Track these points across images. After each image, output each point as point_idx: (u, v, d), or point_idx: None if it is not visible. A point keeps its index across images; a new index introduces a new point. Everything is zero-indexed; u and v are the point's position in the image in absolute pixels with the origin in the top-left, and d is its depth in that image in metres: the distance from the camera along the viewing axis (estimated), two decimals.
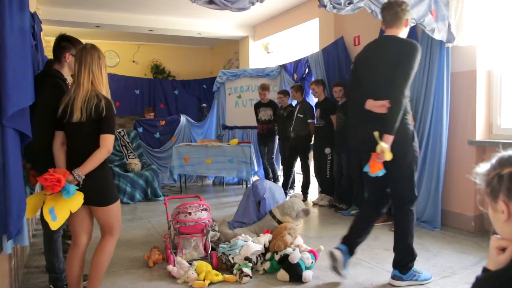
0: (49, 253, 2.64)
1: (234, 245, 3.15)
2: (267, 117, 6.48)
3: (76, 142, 2.35)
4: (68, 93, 2.37)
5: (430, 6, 3.77)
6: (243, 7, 3.13)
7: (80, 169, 2.25)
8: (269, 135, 6.50)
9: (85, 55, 2.36)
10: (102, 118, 2.32)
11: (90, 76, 2.37)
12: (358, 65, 2.90)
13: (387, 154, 2.53)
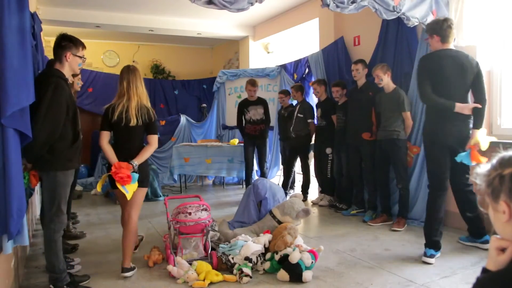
0: (50, 253, 2.64)
1: (234, 245, 3.15)
2: (259, 116, 5.86)
3: (125, 139, 3.06)
4: (119, 103, 2.99)
5: (431, 6, 3.78)
6: (242, 8, 3.13)
7: (136, 160, 2.97)
8: (262, 137, 5.90)
9: (131, 75, 3.04)
10: (151, 123, 3.13)
11: (137, 90, 3.03)
12: (438, 74, 3.26)
13: (482, 144, 3.16)
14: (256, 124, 5.87)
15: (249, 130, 5.91)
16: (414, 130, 4.39)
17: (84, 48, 2.82)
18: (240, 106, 6.01)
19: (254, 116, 5.89)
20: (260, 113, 5.86)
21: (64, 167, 2.62)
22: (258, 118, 5.87)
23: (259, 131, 5.87)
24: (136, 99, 3.00)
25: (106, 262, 3.37)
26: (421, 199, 4.30)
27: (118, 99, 3.03)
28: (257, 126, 5.87)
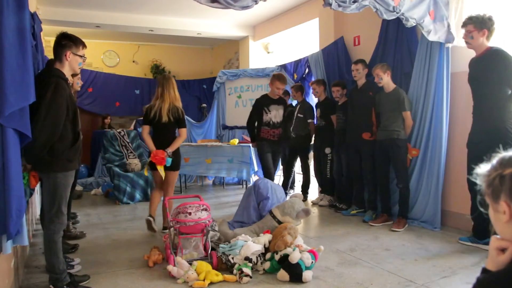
0: (49, 254, 2.64)
1: (234, 245, 3.15)
2: (280, 118, 5.00)
3: (160, 132, 4.08)
4: (155, 104, 4.03)
5: (429, 6, 3.77)
6: (247, 5, 3.12)
7: (169, 149, 3.99)
8: (282, 143, 5.16)
9: (166, 82, 4.06)
10: (180, 119, 4.10)
11: (170, 95, 4.03)
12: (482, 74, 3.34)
13: None
14: (275, 128, 4.96)
15: (266, 134, 4.94)
16: (414, 131, 4.38)
17: (84, 47, 2.78)
18: (258, 103, 4.96)
19: (275, 118, 4.94)
20: (281, 115, 4.98)
21: (64, 168, 2.61)
22: (279, 120, 4.96)
23: (278, 135, 4.99)
24: (168, 102, 4.01)
25: (106, 262, 3.37)
26: (421, 199, 4.30)
27: (155, 100, 4.05)
28: (276, 130, 4.96)
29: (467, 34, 3.43)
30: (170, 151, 3.99)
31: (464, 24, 3.44)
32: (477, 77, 3.46)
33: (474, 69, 3.50)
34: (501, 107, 3.32)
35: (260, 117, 4.93)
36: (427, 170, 4.25)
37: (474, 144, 3.45)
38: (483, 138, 3.29)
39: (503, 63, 3.26)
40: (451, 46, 4.09)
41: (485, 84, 3.37)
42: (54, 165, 2.56)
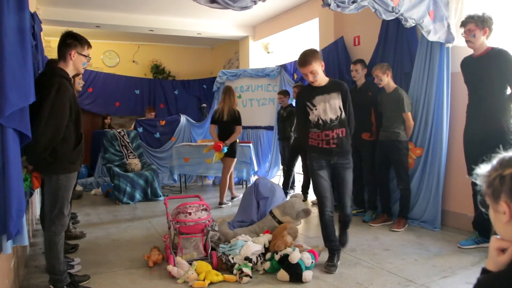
0: (50, 255, 2.63)
1: (234, 245, 3.15)
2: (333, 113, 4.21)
3: (222, 129, 5.38)
4: (219, 107, 5.43)
5: (429, 7, 3.77)
6: (246, 6, 3.12)
7: (228, 141, 5.25)
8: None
9: (228, 91, 5.42)
10: (236, 119, 5.31)
11: (230, 101, 5.34)
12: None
13: None
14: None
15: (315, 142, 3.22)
16: (415, 131, 4.38)
17: (89, 47, 2.75)
18: (301, 98, 3.24)
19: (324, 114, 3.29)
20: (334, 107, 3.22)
21: (66, 170, 2.60)
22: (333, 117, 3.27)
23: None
24: (228, 106, 5.32)
25: (106, 262, 3.37)
26: (422, 200, 4.30)
27: (219, 105, 5.49)
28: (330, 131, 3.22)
29: (468, 33, 3.40)
30: (228, 142, 5.25)
31: (465, 23, 3.42)
32: (477, 77, 3.45)
33: (474, 68, 3.49)
34: (501, 107, 3.31)
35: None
36: (427, 170, 4.25)
37: (474, 145, 3.44)
38: (483, 138, 3.29)
39: (506, 63, 3.26)
40: (451, 46, 4.09)
41: (486, 84, 3.36)
42: (57, 167, 2.55)
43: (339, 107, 3.10)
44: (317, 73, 3.00)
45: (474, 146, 3.42)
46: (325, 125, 3.08)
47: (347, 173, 3.20)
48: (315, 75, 3.00)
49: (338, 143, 3.09)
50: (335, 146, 3.09)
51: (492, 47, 3.38)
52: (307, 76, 3.04)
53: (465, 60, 3.59)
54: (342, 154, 3.13)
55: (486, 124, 3.36)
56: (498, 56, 3.30)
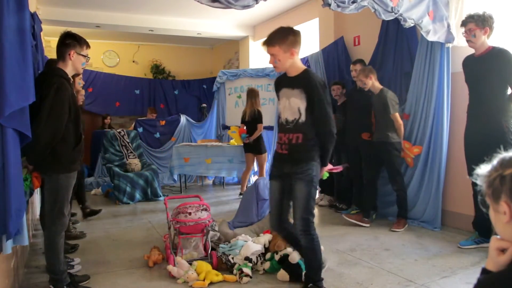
0: (50, 255, 2.63)
1: (234, 245, 3.15)
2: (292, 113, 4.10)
3: (247, 128, 5.94)
4: (245, 109, 6.06)
5: (429, 7, 3.77)
6: (247, 5, 3.11)
7: (251, 138, 5.91)
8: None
9: (251, 93, 6.00)
10: (256, 118, 5.88)
11: (252, 103, 5.94)
12: None
13: None
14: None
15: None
16: (414, 132, 4.38)
17: (88, 47, 2.76)
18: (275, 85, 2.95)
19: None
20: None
21: (66, 170, 2.60)
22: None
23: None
24: (250, 108, 5.96)
25: (106, 262, 3.37)
26: (422, 200, 4.30)
27: (245, 107, 6.11)
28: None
29: (469, 33, 3.39)
30: (251, 138, 5.90)
31: (465, 23, 3.41)
32: (477, 76, 3.44)
33: (474, 67, 3.48)
34: (501, 107, 3.31)
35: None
36: (427, 170, 4.25)
37: (474, 145, 3.43)
38: (484, 138, 3.29)
39: (506, 63, 3.26)
40: (451, 46, 4.09)
41: (486, 84, 3.36)
42: (57, 167, 2.55)
43: (298, 109, 2.53)
44: (278, 58, 2.52)
45: (474, 146, 3.41)
46: (282, 126, 2.64)
47: (298, 186, 2.53)
48: (275, 60, 2.54)
49: (289, 150, 2.57)
50: (286, 152, 2.60)
51: (493, 46, 3.37)
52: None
53: (467, 59, 3.59)
54: (294, 163, 2.55)
55: (486, 124, 3.35)
56: (498, 56, 3.29)
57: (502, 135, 3.25)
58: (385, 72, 4.82)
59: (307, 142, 2.52)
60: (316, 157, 2.54)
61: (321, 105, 2.48)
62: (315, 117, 2.50)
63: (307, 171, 2.49)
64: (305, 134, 2.52)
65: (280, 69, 2.60)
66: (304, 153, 2.53)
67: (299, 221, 2.52)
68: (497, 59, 3.29)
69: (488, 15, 3.34)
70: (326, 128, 2.51)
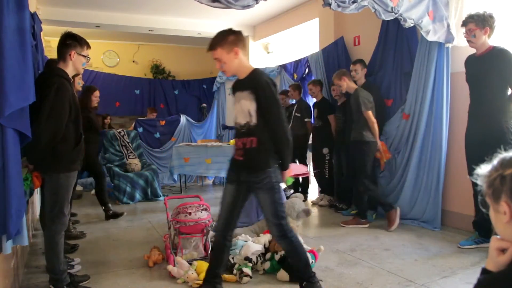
0: (50, 255, 2.63)
1: (234, 245, 3.15)
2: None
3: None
4: None
5: (428, 7, 3.77)
6: (248, 5, 3.11)
7: None
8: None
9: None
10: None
11: None
12: None
13: None
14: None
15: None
16: (412, 131, 4.38)
17: (88, 48, 2.78)
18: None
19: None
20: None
21: (67, 170, 2.61)
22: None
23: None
24: None
25: (106, 262, 3.37)
26: (421, 199, 4.30)
27: None
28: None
29: (469, 33, 3.39)
30: None
31: (465, 23, 3.41)
32: (478, 76, 3.44)
33: (475, 67, 3.48)
34: (501, 107, 3.31)
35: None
36: (427, 170, 4.25)
37: (474, 145, 3.43)
38: (484, 138, 3.29)
39: (506, 63, 3.26)
40: (451, 46, 4.09)
41: (486, 84, 3.36)
42: (57, 166, 2.56)
43: (249, 111, 2.41)
44: (223, 61, 2.45)
45: (474, 146, 3.41)
46: (237, 131, 2.54)
47: (260, 196, 2.44)
48: (222, 64, 2.47)
49: (244, 155, 2.46)
50: (241, 158, 2.48)
51: (494, 46, 3.37)
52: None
53: (468, 58, 3.59)
54: (251, 171, 2.44)
55: (486, 124, 3.35)
56: (499, 56, 3.29)
57: (502, 135, 3.25)
58: (385, 72, 4.82)
59: (261, 146, 2.39)
60: (273, 162, 2.41)
61: (269, 104, 2.36)
62: (266, 118, 2.37)
63: (265, 180, 2.38)
64: (259, 137, 2.38)
65: (228, 72, 2.52)
66: (259, 160, 2.41)
67: (273, 228, 2.46)
68: (497, 59, 3.29)
69: (488, 15, 3.34)
70: (278, 130, 2.38)
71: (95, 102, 5.01)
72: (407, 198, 4.41)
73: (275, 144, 2.40)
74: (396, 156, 4.59)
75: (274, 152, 2.42)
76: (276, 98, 2.39)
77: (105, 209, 4.89)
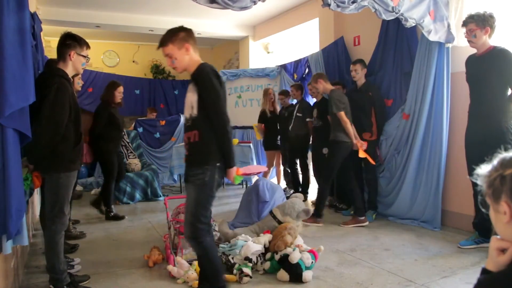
0: (50, 254, 2.64)
1: (234, 245, 3.15)
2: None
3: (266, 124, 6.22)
4: (262, 108, 6.18)
5: (429, 6, 3.77)
6: (245, 6, 3.12)
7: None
8: None
9: (264, 94, 6.28)
10: (260, 116, 6.29)
11: (263, 101, 6.36)
12: None
13: None
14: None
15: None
16: (412, 131, 4.38)
17: (88, 48, 2.81)
18: None
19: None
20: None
21: (67, 169, 2.61)
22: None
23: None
24: (262, 106, 6.37)
25: (106, 262, 3.37)
26: (421, 199, 4.30)
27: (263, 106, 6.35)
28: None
29: (469, 33, 3.38)
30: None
31: (465, 23, 3.41)
32: (478, 76, 3.44)
33: (475, 67, 3.48)
34: (501, 107, 3.31)
35: None
36: (427, 170, 4.24)
37: (474, 145, 3.43)
38: (484, 138, 3.29)
39: (506, 63, 3.25)
40: (451, 46, 4.09)
41: (486, 83, 3.36)
42: (57, 166, 2.56)
43: (191, 104, 2.39)
44: (174, 57, 2.45)
45: (474, 146, 3.41)
46: (184, 126, 2.50)
47: (188, 189, 2.38)
48: (172, 59, 2.47)
49: (189, 150, 2.39)
50: (187, 153, 2.41)
51: (494, 46, 3.37)
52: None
53: (469, 58, 3.58)
54: (190, 165, 2.38)
55: (486, 124, 3.35)
56: (499, 56, 3.29)
57: (502, 135, 3.25)
58: (385, 72, 4.82)
59: (203, 140, 2.30)
60: (213, 160, 2.30)
61: (208, 95, 2.28)
62: (210, 110, 2.29)
63: (199, 175, 2.28)
64: (200, 131, 2.31)
65: (179, 69, 2.48)
66: (199, 154, 2.32)
67: (187, 226, 2.33)
68: (497, 59, 3.29)
69: (489, 15, 3.34)
70: (217, 122, 2.29)
71: (118, 98, 4.90)
72: (407, 198, 4.41)
73: (215, 138, 2.30)
74: (396, 156, 4.59)
75: (216, 148, 2.31)
76: (216, 89, 2.30)
77: (107, 210, 4.88)
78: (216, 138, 2.30)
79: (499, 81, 3.29)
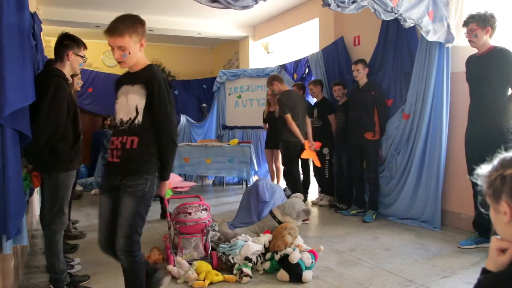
0: (50, 254, 2.64)
1: (234, 245, 3.15)
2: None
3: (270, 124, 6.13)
4: (266, 108, 6.13)
5: (428, 7, 3.77)
6: (247, 5, 3.12)
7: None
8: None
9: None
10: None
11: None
12: None
13: None
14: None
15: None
16: (412, 131, 4.38)
17: (85, 48, 2.84)
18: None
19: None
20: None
21: (65, 168, 2.62)
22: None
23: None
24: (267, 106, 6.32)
25: (106, 262, 3.35)
26: (420, 199, 4.30)
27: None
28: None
29: (470, 33, 3.38)
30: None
31: (466, 23, 3.40)
32: (478, 76, 3.44)
33: (475, 67, 3.48)
34: (502, 107, 3.31)
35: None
36: (426, 170, 4.24)
37: (474, 145, 3.43)
38: (484, 138, 3.29)
39: (506, 63, 3.25)
40: (451, 46, 4.08)
41: (486, 83, 3.35)
42: (56, 165, 2.57)
43: (136, 107, 2.14)
44: (128, 51, 2.15)
45: (474, 146, 3.41)
46: (116, 128, 2.23)
47: (125, 201, 2.14)
48: (124, 53, 2.15)
49: (121, 156, 2.15)
50: (118, 160, 2.16)
51: (495, 46, 3.37)
52: (113, 50, 2.18)
53: (470, 58, 3.58)
54: (125, 173, 2.15)
55: (486, 124, 3.35)
56: (499, 55, 3.29)
57: (502, 135, 3.25)
58: (385, 72, 4.82)
59: (143, 148, 2.13)
60: (153, 170, 2.16)
61: (162, 104, 2.12)
62: (155, 119, 2.14)
63: (139, 186, 2.11)
64: (142, 138, 2.13)
65: (128, 64, 2.20)
66: (138, 163, 2.13)
67: (122, 239, 2.11)
68: (497, 58, 3.29)
69: (490, 15, 3.33)
70: (166, 132, 2.16)
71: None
72: (407, 198, 4.40)
73: (160, 149, 2.17)
74: (396, 156, 4.59)
75: (156, 158, 2.17)
76: (170, 99, 2.16)
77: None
78: (161, 148, 2.17)
79: (499, 81, 3.29)
